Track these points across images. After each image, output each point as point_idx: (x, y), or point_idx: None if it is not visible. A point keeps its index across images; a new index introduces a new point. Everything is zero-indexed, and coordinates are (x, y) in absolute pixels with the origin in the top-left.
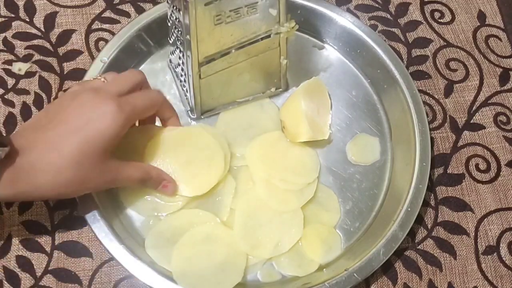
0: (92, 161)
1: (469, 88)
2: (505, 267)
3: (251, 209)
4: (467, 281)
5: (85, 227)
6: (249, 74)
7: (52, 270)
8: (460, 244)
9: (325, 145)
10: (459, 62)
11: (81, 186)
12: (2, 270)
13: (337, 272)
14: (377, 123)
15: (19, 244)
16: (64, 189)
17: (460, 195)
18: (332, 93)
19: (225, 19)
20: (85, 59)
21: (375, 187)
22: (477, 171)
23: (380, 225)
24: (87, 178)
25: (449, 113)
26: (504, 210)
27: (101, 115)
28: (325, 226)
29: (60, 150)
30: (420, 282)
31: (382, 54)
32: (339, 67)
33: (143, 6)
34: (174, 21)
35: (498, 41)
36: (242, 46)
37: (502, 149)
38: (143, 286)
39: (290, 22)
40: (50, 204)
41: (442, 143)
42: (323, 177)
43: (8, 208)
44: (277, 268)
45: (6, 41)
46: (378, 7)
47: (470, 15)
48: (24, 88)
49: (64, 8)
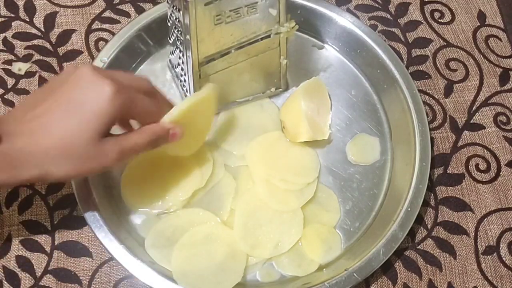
0: (86, 145)
1: (469, 88)
2: (505, 267)
3: (251, 209)
4: (467, 281)
5: (85, 227)
6: (249, 74)
7: (52, 270)
8: (460, 244)
9: (325, 145)
10: (459, 62)
11: (79, 169)
12: (2, 270)
13: (337, 272)
14: (377, 123)
15: (19, 244)
16: (57, 174)
17: (460, 195)
18: (332, 93)
19: (225, 19)
20: (85, 59)
21: (375, 187)
22: (477, 171)
23: (380, 225)
24: (83, 162)
25: (449, 113)
26: (504, 210)
27: (98, 94)
28: (325, 226)
29: (50, 134)
30: (420, 282)
31: (382, 54)
32: (339, 67)
33: (143, 6)
34: (174, 21)
35: (498, 41)
36: (242, 46)
37: (502, 149)
38: (143, 286)
39: (290, 22)
40: (50, 204)
41: (442, 143)
42: (323, 177)
43: (8, 208)
44: (277, 268)
45: (6, 41)
46: (378, 7)
47: (470, 15)
48: (24, 88)
49: (64, 8)
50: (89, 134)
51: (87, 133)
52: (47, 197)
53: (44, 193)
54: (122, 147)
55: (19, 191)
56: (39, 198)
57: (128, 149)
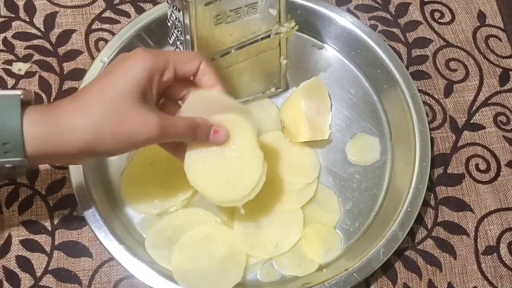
0: (125, 105)
1: (469, 88)
2: (505, 267)
3: (251, 209)
4: (467, 281)
5: (85, 227)
6: (249, 74)
7: (52, 270)
8: (460, 244)
9: (325, 145)
10: (459, 62)
11: (121, 139)
12: (2, 270)
13: (337, 272)
14: (377, 123)
15: (19, 244)
16: (103, 145)
17: (460, 195)
18: (332, 93)
19: (225, 19)
20: (85, 59)
21: (375, 187)
22: (477, 171)
23: (380, 225)
24: (124, 128)
25: (449, 113)
26: (504, 210)
27: (131, 59)
28: (325, 226)
29: (91, 105)
30: (420, 282)
31: (382, 54)
32: (339, 67)
33: (143, 6)
34: (174, 21)
35: (498, 41)
36: (242, 46)
37: (502, 149)
38: (143, 286)
39: (290, 22)
40: (50, 204)
41: (442, 143)
42: (323, 177)
43: (8, 208)
44: (277, 268)
45: (6, 41)
46: (378, 7)
47: (470, 15)
48: (24, 88)
49: (64, 8)
50: (124, 94)
51: (122, 94)
52: (47, 197)
53: (44, 193)
54: (162, 120)
55: (19, 191)
56: (39, 198)
57: (168, 125)
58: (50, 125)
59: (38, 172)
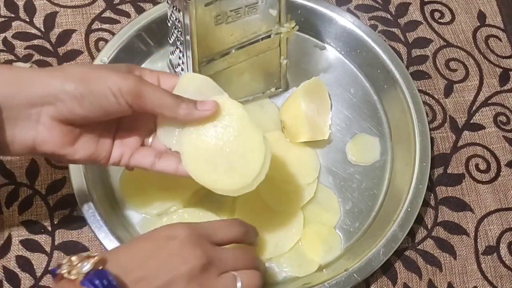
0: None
1: (469, 88)
2: (505, 267)
3: (251, 209)
4: (467, 281)
5: (85, 227)
6: (249, 74)
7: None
8: (460, 244)
9: (325, 145)
10: (459, 62)
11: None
12: (2, 270)
13: (337, 272)
14: (377, 123)
15: (19, 244)
16: None
17: (460, 195)
18: (332, 93)
19: (225, 19)
20: (85, 59)
21: (375, 187)
22: (477, 171)
23: (380, 225)
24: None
25: (449, 113)
26: (504, 210)
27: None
28: (325, 226)
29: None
30: (420, 282)
31: (382, 54)
32: (339, 67)
33: (143, 6)
34: (174, 21)
35: (498, 41)
36: (242, 46)
37: (502, 149)
38: None
39: (290, 23)
40: (50, 204)
41: (442, 143)
42: (323, 177)
43: (8, 208)
44: (277, 268)
45: (6, 41)
46: (378, 7)
47: (470, 15)
48: None
49: (64, 8)
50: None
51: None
52: (47, 197)
53: (44, 193)
54: (142, 80)
55: (19, 191)
56: (39, 198)
57: (148, 86)
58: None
59: (38, 172)
